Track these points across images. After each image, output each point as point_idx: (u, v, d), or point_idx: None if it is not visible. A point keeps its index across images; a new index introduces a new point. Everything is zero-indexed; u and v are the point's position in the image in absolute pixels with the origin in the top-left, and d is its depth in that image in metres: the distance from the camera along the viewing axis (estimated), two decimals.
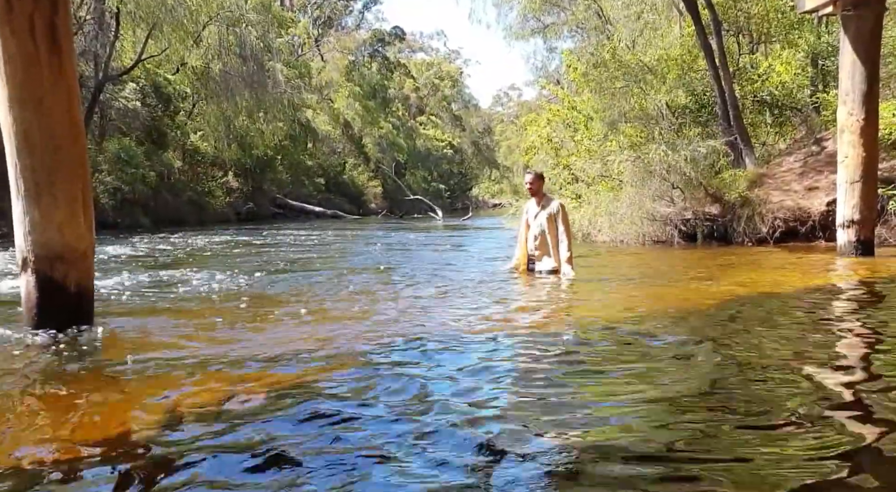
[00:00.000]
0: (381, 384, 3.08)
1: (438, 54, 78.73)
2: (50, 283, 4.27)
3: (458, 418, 2.57)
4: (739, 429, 2.42)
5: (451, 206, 54.51)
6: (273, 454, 2.22)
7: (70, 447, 2.37)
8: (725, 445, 2.28)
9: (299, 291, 6.41)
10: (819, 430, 2.39)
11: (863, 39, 8.56)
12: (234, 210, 29.25)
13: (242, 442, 2.37)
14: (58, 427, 2.61)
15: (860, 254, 8.68)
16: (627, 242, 12.44)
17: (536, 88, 48.34)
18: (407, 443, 2.31)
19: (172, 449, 2.32)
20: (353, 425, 2.52)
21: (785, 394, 2.85)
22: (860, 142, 8.63)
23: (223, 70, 28.53)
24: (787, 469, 2.04)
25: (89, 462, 2.23)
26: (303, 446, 2.29)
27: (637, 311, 5.06)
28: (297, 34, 46.72)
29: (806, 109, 14.59)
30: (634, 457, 2.16)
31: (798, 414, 2.56)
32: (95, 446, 2.37)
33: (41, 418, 2.75)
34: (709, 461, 2.11)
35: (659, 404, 2.74)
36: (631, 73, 14.84)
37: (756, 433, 2.37)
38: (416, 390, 2.96)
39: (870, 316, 4.86)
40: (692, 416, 2.59)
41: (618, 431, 2.43)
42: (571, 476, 2.04)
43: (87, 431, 2.56)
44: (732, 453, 2.18)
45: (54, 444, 2.41)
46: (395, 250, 12.23)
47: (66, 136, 4.29)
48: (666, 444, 2.27)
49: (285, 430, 2.47)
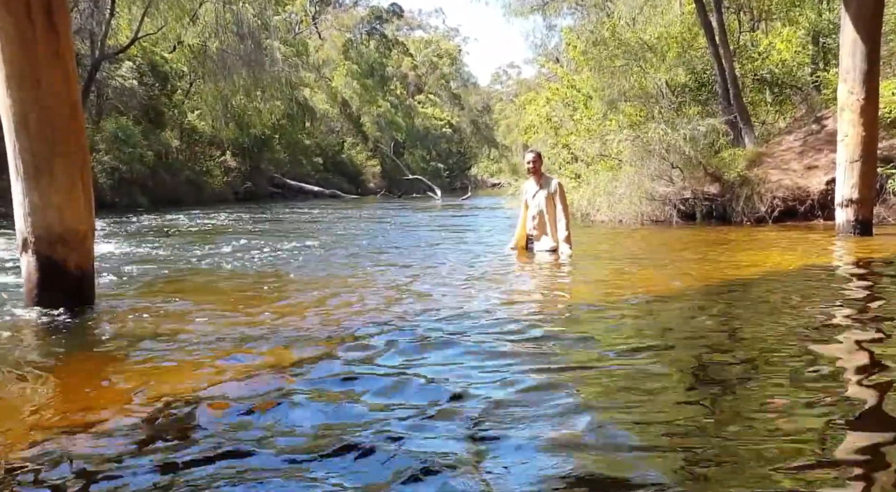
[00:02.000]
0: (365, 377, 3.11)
1: (437, 32, 78.13)
2: (50, 264, 4.28)
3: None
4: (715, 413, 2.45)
5: (450, 185, 54.39)
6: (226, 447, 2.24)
7: (43, 427, 2.39)
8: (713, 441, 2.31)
9: (315, 279, 6.42)
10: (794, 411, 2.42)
11: (864, 17, 8.50)
12: (231, 190, 29.18)
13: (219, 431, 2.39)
14: (36, 407, 2.64)
15: (858, 233, 8.69)
16: (626, 222, 12.44)
17: (536, 67, 48.12)
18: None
19: (142, 437, 2.35)
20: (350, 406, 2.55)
21: (762, 379, 2.88)
22: (860, 121, 8.61)
23: (220, 48, 28.31)
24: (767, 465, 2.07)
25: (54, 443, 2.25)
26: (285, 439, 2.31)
27: (628, 291, 5.07)
28: (295, 11, 46.28)
29: (806, 88, 14.52)
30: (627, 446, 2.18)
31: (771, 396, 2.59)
32: (66, 427, 2.39)
33: (20, 398, 2.78)
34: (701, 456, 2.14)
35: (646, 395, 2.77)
36: (631, 51, 14.75)
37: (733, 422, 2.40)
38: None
39: (865, 298, 4.88)
40: (686, 412, 2.62)
41: (606, 415, 2.46)
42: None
43: (61, 411, 2.59)
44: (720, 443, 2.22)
45: (24, 423, 2.44)
46: (406, 232, 12.24)
47: (63, 116, 4.28)
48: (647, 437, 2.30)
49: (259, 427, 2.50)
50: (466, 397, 2.59)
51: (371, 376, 2.93)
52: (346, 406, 2.55)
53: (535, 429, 2.24)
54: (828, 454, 2.03)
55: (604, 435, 2.18)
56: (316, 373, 3.00)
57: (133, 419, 2.46)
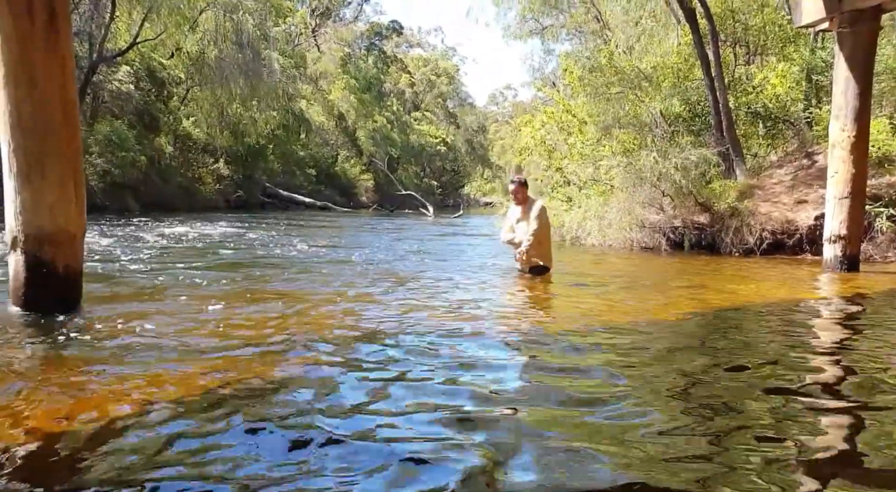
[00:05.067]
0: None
1: (435, 51, 78.49)
2: (38, 264, 4.25)
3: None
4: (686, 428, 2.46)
5: (443, 203, 54.46)
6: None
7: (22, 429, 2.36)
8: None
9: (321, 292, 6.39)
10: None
11: (857, 56, 8.63)
12: (223, 197, 29.07)
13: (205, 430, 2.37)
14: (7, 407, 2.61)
15: (845, 269, 8.76)
16: (616, 248, 12.49)
17: (532, 90, 48.42)
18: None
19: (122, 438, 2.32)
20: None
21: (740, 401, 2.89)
22: (851, 158, 8.70)
23: (219, 57, 28.33)
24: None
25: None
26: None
27: (609, 319, 5.08)
28: (295, 24, 46.49)
29: (799, 123, 14.67)
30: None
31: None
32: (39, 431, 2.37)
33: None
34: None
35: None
36: (627, 79, 14.88)
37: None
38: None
39: (847, 333, 4.91)
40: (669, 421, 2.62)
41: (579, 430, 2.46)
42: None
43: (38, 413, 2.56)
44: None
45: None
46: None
47: (59, 117, 4.27)
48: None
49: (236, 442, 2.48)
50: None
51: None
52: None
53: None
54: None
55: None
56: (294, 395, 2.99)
57: (87, 425, 2.43)
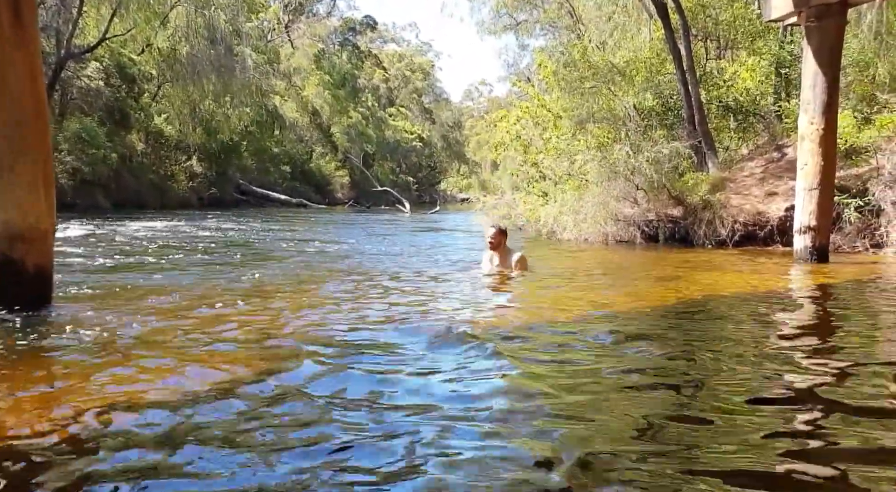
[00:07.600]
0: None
1: (410, 46, 78.29)
2: (8, 262, 4.18)
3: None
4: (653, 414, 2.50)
5: (420, 199, 54.44)
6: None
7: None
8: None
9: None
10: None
11: (824, 50, 8.77)
12: (196, 195, 28.80)
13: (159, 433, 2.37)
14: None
15: (815, 260, 8.91)
16: (591, 241, 12.58)
17: (507, 85, 48.58)
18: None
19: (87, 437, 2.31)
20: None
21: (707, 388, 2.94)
22: (819, 150, 8.85)
23: (190, 53, 28.02)
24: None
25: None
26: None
27: (584, 309, 5.14)
28: (268, 19, 46.12)
29: (769, 116, 14.89)
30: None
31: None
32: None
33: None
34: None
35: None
36: (600, 73, 14.98)
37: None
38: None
39: (816, 321, 5.01)
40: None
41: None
42: None
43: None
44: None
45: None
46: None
47: (28, 113, 4.20)
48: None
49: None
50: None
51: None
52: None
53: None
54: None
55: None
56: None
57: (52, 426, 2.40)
